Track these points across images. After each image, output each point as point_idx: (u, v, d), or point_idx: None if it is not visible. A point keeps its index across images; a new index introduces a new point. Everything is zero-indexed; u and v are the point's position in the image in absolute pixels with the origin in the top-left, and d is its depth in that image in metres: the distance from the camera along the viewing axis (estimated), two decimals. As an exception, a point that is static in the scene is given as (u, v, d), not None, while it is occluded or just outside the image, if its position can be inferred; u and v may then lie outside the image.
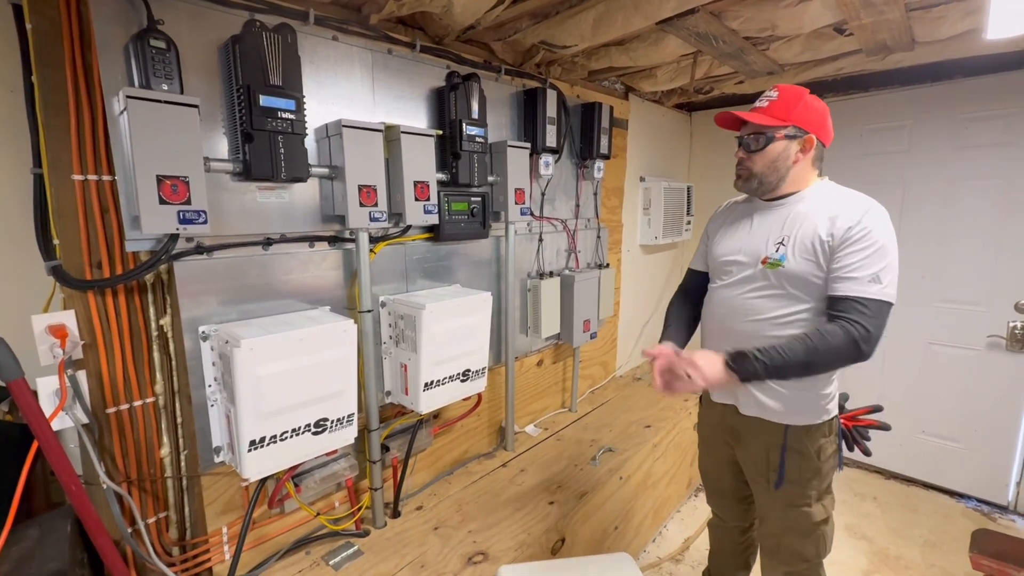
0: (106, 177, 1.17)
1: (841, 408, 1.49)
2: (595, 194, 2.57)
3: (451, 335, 1.61)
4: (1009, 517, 2.52)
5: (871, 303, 1.16)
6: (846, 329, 1.15)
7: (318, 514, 1.55)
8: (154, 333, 1.28)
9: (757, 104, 1.31)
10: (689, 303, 1.58)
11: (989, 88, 2.42)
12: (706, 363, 1.19)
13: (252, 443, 1.20)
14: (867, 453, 1.51)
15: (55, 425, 1.06)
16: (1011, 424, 2.51)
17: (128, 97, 1.03)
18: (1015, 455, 2.52)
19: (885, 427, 1.52)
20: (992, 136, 2.44)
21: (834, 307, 1.21)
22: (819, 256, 1.23)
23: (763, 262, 1.30)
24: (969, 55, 2.19)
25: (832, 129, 1.33)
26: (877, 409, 1.56)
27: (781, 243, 1.29)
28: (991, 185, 2.47)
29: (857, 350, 1.15)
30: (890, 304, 1.18)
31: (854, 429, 1.53)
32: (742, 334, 1.34)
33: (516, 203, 1.91)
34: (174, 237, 1.18)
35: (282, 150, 1.27)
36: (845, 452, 1.49)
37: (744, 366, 1.18)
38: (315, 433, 1.32)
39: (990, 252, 2.49)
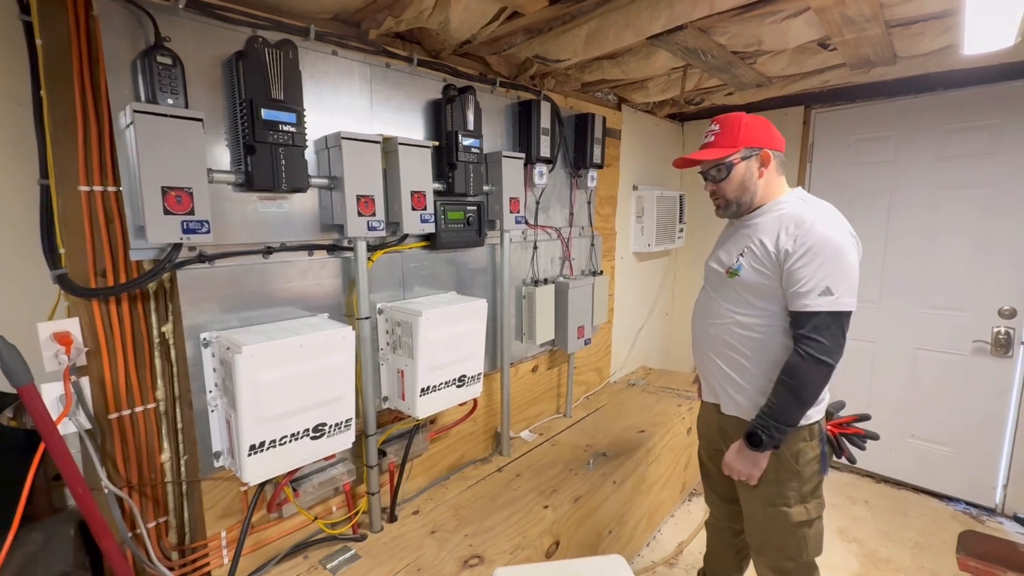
0: (111, 188, 1.21)
1: (830, 415, 1.53)
2: (589, 203, 2.62)
3: (447, 341, 1.65)
4: (997, 519, 2.57)
5: (824, 316, 1.22)
6: (807, 354, 1.23)
7: (316, 518, 1.57)
8: (156, 340, 1.31)
9: (704, 141, 1.42)
10: None
11: (971, 100, 2.49)
12: (732, 458, 1.40)
13: (252, 447, 1.22)
14: (851, 461, 1.55)
15: (59, 430, 1.08)
16: (997, 428, 2.56)
17: (135, 111, 1.06)
18: (1001, 458, 2.57)
19: (873, 436, 1.56)
20: (975, 146, 2.51)
21: (793, 323, 1.28)
22: (766, 265, 1.31)
23: (727, 272, 1.41)
24: (949, 69, 2.27)
25: (779, 135, 1.41)
26: (864, 418, 1.60)
27: (741, 254, 1.38)
28: (974, 194, 2.53)
29: (825, 366, 1.23)
30: (847, 312, 1.23)
31: (841, 436, 1.57)
32: (711, 336, 1.46)
33: (511, 212, 1.96)
34: (177, 246, 1.21)
35: (283, 162, 1.30)
36: (834, 458, 1.53)
37: (753, 440, 1.32)
38: (314, 438, 1.34)
39: (974, 259, 2.55)
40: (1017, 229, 2.43)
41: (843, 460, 1.55)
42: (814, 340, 1.22)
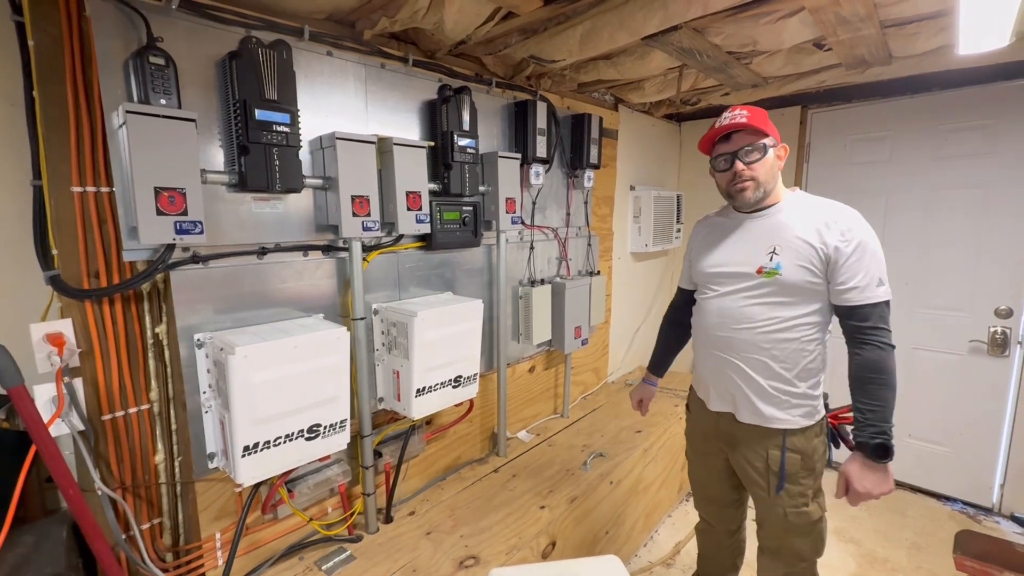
0: (104, 189, 1.20)
1: (825, 407, 1.53)
2: (585, 203, 2.62)
3: (443, 342, 1.64)
4: (993, 519, 2.57)
5: (883, 306, 1.27)
6: (883, 344, 1.27)
7: (311, 519, 1.56)
8: (150, 341, 1.31)
9: (734, 121, 1.32)
10: (677, 321, 1.73)
11: (967, 100, 2.49)
12: (863, 484, 1.27)
13: (246, 448, 1.22)
14: (852, 448, 1.55)
15: (52, 432, 1.08)
16: (994, 427, 2.56)
17: (127, 112, 1.06)
18: (998, 458, 2.57)
19: None
20: (971, 147, 2.51)
21: (853, 317, 1.29)
22: (814, 263, 1.29)
23: (758, 271, 1.35)
24: (944, 69, 2.27)
25: None
26: None
27: (774, 252, 1.34)
28: (971, 194, 2.53)
29: (893, 350, 1.29)
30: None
31: (840, 426, 1.58)
32: (740, 341, 1.39)
33: (507, 212, 1.95)
34: (171, 247, 1.21)
35: (277, 162, 1.30)
36: (833, 451, 1.53)
37: (881, 452, 1.26)
38: (308, 439, 1.34)
39: (971, 259, 2.56)
40: (1013, 229, 2.43)
41: (840, 457, 1.55)
42: (883, 329, 1.27)
